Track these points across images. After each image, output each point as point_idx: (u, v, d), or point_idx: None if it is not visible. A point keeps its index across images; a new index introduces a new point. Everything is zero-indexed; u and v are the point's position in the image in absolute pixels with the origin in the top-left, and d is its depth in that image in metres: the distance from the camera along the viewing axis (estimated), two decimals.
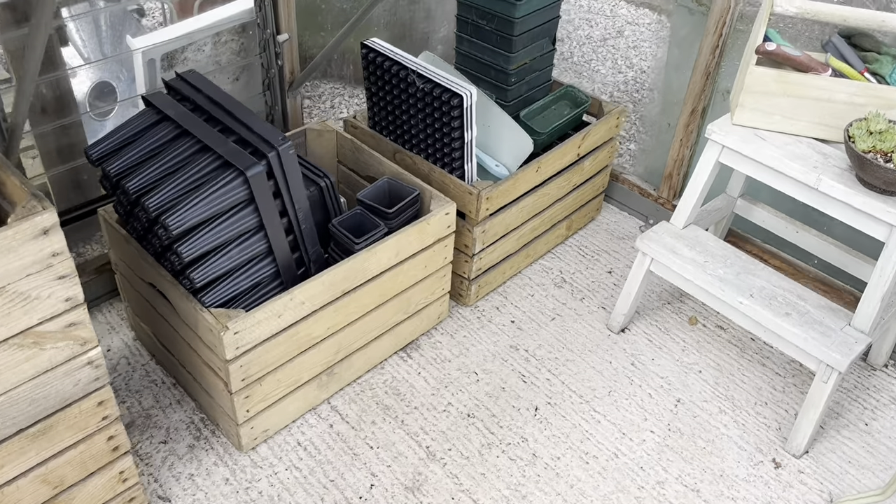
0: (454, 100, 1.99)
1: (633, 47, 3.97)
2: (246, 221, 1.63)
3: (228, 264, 1.66)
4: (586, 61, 3.82)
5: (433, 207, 2.02)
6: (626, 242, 2.66)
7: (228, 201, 1.58)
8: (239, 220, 1.62)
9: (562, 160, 2.34)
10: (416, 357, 2.19)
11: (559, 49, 3.88)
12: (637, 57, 3.88)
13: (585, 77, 3.67)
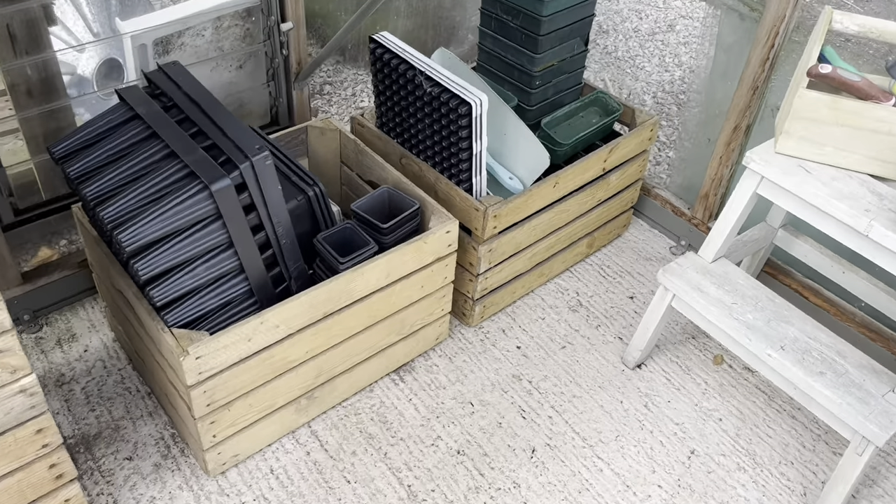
0: (462, 108, 1.80)
1: (684, 43, 3.69)
2: (212, 238, 1.48)
3: (193, 282, 1.51)
4: (631, 56, 3.56)
5: (433, 224, 1.84)
6: (653, 265, 2.44)
7: (191, 217, 1.43)
8: (204, 237, 1.47)
9: (584, 175, 2.13)
10: (408, 381, 2.03)
11: (602, 42, 3.63)
12: (687, 54, 3.61)
13: (629, 74, 3.42)
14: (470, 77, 2.06)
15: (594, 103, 2.32)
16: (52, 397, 1.92)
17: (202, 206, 1.42)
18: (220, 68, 2.21)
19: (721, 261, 1.94)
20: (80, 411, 1.89)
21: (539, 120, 2.24)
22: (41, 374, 1.97)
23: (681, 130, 3.11)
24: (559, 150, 2.13)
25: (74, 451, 1.81)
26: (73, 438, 1.84)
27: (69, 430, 1.85)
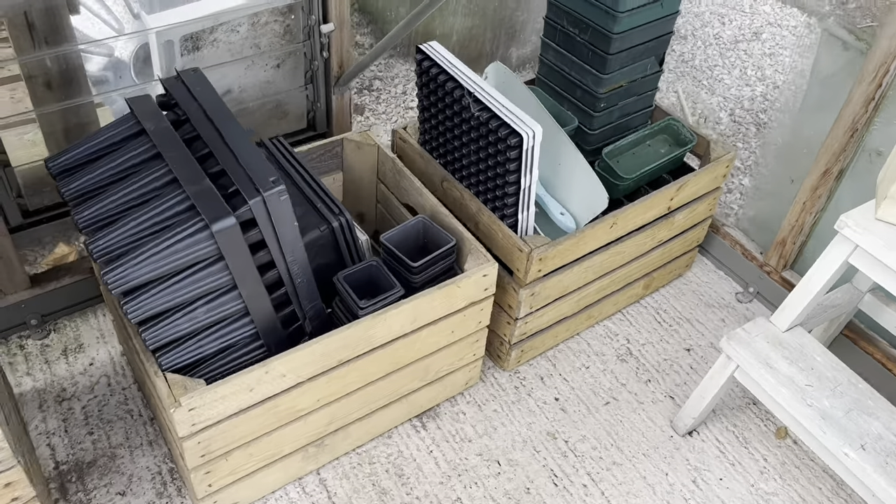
0: (512, 139, 1.58)
1: (770, 54, 3.37)
2: (213, 280, 1.31)
3: (190, 325, 1.35)
4: (710, 66, 3.27)
5: (470, 265, 1.64)
6: (715, 312, 2.19)
7: (189, 258, 1.25)
8: (204, 278, 1.30)
9: (646, 214, 1.89)
10: (431, 429, 1.84)
11: (678, 48, 3.34)
12: (772, 68, 3.29)
13: (704, 87, 3.13)
14: (525, 98, 1.84)
15: (664, 130, 2.07)
16: (51, 415, 1.79)
17: (202, 247, 1.25)
18: (256, 66, 2.03)
19: (796, 329, 1.69)
20: (78, 434, 1.76)
21: (600, 146, 2.01)
22: (42, 386, 1.85)
23: (758, 155, 2.83)
24: (620, 184, 1.89)
25: (66, 480, 1.68)
26: (67, 465, 1.71)
27: (63, 454, 1.73)
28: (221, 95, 2.04)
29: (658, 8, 1.85)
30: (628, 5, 1.78)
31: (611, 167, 1.89)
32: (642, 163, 1.99)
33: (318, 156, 1.90)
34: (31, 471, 1.48)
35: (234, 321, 1.40)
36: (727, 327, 2.15)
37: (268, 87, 2.10)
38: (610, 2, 1.78)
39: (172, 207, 1.27)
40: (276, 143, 1.73)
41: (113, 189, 1.32)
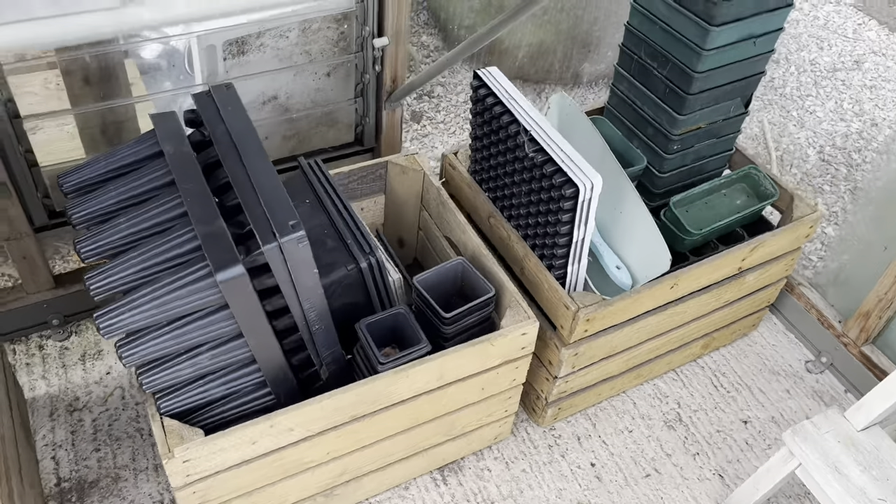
0: (567, 188, 1.41)
1: (871, 87, 3.08)
2: (218, 328, 1.19)
3: (193, 371, 1.24)
4: (801, 96, 3.00)
5: (508, 321, 1.48)
6: (781, 381, 1.98)
7: (191, 305, 1.14)
8: (208, 326, 1.18)
9: (713, 275, 1.70)
10: (452, 484, 1.70)
11: (769, 72, 3.08)
12: (872, 102, 3.01)
13: (794, 118, 2.88)
14: (588, 136, 1.66)
15: (743, 179, 1.86)
16: (60, 425, 1.73)
17: (205, 295, 1.13)
18: (306, 73, 1.91)
19: (873, 429, 1.48)
20: (84, 449, 1.69)
21: (669, 191, 1.82)
22: (56, 392, 1.78)
23: (846, 201, 2.57)
24: (687, 239, 1.70)
25: (65, 499, 1.61)
26: (69, 482, 1.64)
27: (67, 470, 1.65)
28: (267, 101, 1.93)
29: (750, 46, 1.65)
30: (716, 42, 1.58)
31: (678, 219, 1.70)
32: (715, 216, 1.79)
33: (360, 177, 1.77)
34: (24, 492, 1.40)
35: (240, 367, 1.28)
36: (792, 400, 1.94)
37: (317, 95, 1.98)
38: (696, 37, 1.59)
39: (180, 246, 1.16)
40: (313, 165, 1.60)
41: (122, 217, 1.21)
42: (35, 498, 1.52)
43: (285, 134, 2.04)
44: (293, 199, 1.56)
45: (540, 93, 2.77)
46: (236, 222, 1.21)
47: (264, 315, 1.19)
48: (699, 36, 1.58)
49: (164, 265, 1.15)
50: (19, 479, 1.44)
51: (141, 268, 1.14)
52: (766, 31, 1.65)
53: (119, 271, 1.14)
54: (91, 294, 1.14)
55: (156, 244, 1.15)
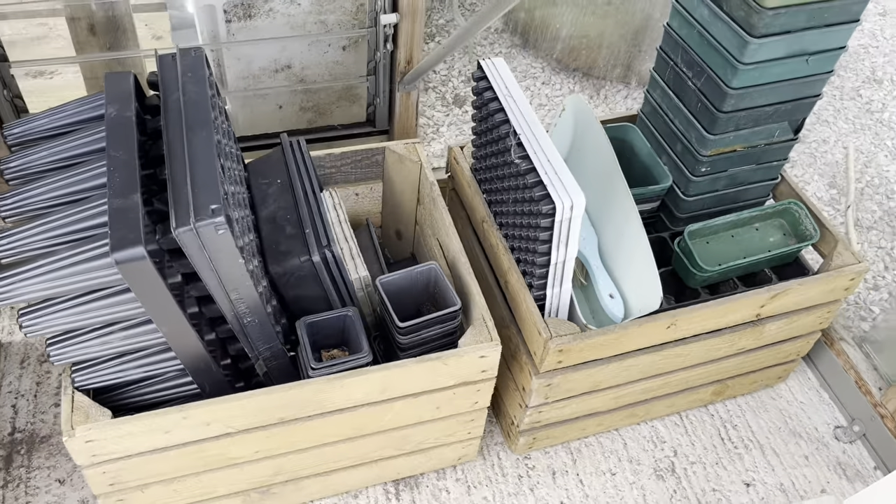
0: (545, 205, 1.26)
1: None
2: (123, 309, 1.11)
3: (103, 349, 1.17)
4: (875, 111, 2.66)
5: (466, 340, 1.34)
6: (801, 445, 1.76)
7: (90, 283, 1.06)
8: (113, 306, 1.10)
9: (723, 318, 1.50)
10: (405, 500, 1.59)
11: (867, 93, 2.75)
12: None
13: (886, 147, 2.56)
14: (598, 148, 1.48)
15: (782, 214, 1.63)
16: (28, 374, 1.72)
17: (104, 274, 1.05)
18: (322, 44, 1.80)
19: None
20: (45, 402, 1.68)
21: (695, 217, 1.62)
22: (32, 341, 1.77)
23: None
24: (698, 274, 1.51)
25: (15, 450, 1.59)
26: (22, 433, 1.62)
27: (23, 421, 1.64)
28: (280, 70, 1.84)
29: (801, 64, 1.42)
30: (757, 56, 1.37)
31: (691, 251, 1.51)
32: (739, 251, 1.58)
33: (353, 161, 1.65)
34: None
35: (156, 353, 1.20)
36: (809, 468, 1.72)
37: (335, 68, 1.87)
38: (734, 48, 1.38)
39: (91, 218, 1.08)
40: (293, 144, 1.50)
41: (48, 178, 1.14)
42: None
43: (302, 105, 1.95)
44: (264, 176, 1.48)
45: (599, 90, 2.57)
46: (161, 201, 1.13)
47: (174, 302, 1.10)
48: (737, 47, 1.37)
49: (72, 237, 1.08)
50: None
51: (48, 236, 1.08)
52: (823, 49, 1.42)
53: (25, 237, 1.08)
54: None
55: (66, 213, 1.08)
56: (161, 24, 2.02)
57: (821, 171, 2.48)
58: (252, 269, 1.22)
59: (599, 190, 1.51)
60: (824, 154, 2.53)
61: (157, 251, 1.09)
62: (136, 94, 1.24)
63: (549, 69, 2.61)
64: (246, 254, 1.20)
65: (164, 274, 1.08)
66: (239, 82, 1.82)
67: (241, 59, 1.78)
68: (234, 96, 1.85)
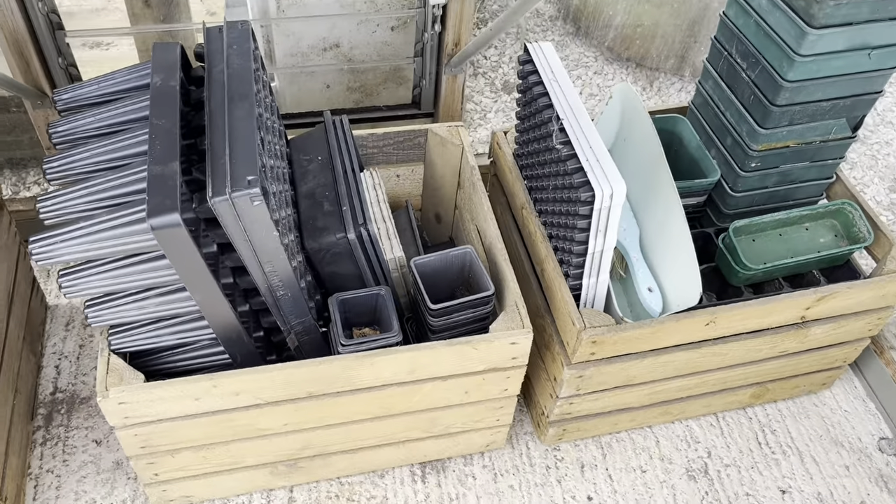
0: (584, 192, 1.23)
1: None
2: (160, 275, 1.13)
3: (139, 314, 1.19)
4: None
5: (497, 326, 1.33)
6: (842, 455, 1.70)
7: (127, 247, 1.08)
8: (149, 272, 1.12)
9: (764, 319, 1.46)
10: (430, 483, 1.59)
11: None
12: None
13: None
14: (644, 138, 1.45)
15: (834, 215, 1.58)
16: (72, 337, 1.77)
17: (140, 239, 1.07)
18: (371, 24, 1.80)
19: None
20: (86, 365, 1.72)
21: (742, 214, 1.58)
22: (77, 304, 1.82)
23: None
24: (742, 272, 1.46)
25: (56, 409, 1.64)
26: (63, 393, 1.67)
27: (65, 381, 1.69)
28: (329, 48, 1.84)
29: (863, 58, 1.37)
30: (815, 48, 1.32)
31: (735, 248, 1.46)
32: (785, 251, 1.53)
33: (396, 142, 1.65)
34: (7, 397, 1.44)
35: (190, 321, 1.22)
36: (850, 479, 1.66)
37: (384, 49, 1.87)
38: (791, 39, 1.33)
39: (132, 184, 1.10)
40: (336, 122, 1.50)
41: (94, 144, 1.17)
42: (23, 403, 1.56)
43: (350, 85, 1.96)
44: (305, 153, 1.49)
45: (652, 81, 2.51)
46: (199, 171, 1.14)
47: (208, 270, 1.11)
48: (795, 38, 1.32)
49: (112, 201, 1.10)
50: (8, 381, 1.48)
51: (89, 200, 1.10)
52: (886, 44, 1.35)
53: (68, 200, 1.10)
54: (40, 217, 1.11)
55: (107, 178, 1.10)
56: (216, 0, 2.04)
57: (881, 174, 2.38)
58: (287, 244, 1.22)
59: (644, 181, 1.48)
60: (886, 157, 2.44)
61: (194, 220, 1.11)
62: (182, 64, 1.26)
63: (602, 59, 2.56)
64: (282, 227, 1.21)
65: (199, 242, 1.10)
66: (287, 59, 1.83)
67: (291, 36, 1.79)
68: (282, 73, 1.86)
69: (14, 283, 1.58)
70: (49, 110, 1.64)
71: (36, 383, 1.67)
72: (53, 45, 1.57)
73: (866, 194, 2.31)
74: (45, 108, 1.64)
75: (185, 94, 1.24)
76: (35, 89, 1.61)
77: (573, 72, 2.53)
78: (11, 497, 1.44)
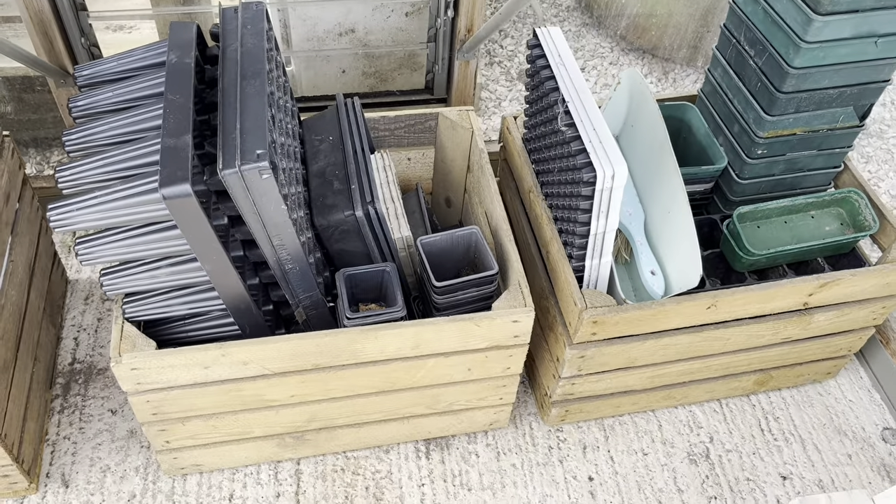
0: (587, 172, 1.25)
1: None
2: (172, 245, 1.17)
3: (152, 283, 1.23)
4: None
5: (500, 304, 1.36)
6: (845, 444, 1.71)
7: (140, 216, 1.12)
8: (161, 241, 1.16)
9: (767, 305, 1.47)
10: (434, 460, 1.62)
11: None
12: None
13: None
14: (651, 123, 1.46)
15: (840, 203, 1.58)
16: (91, 310, 1.82)
17: (152, 209, 1.11)
18: (386, 9, 1.83)
19: None
20: (104, 337, 1.77)
21: (749, 201, 1.59)
22: (97, 279, 1.87)
23: None
24: (745, 258, 1.48)
25: (73, 379, 1.70)
26: (81, 364, 1.72)
27: (83, 353, 1.74)
28: (344, 33, 1.88)
29: (869, 46, 1.37)
30: (821, 35, 1.33)
31: (739, 233, 1.48)
32: (790, 238, 1.54)
33: (407, 125, 1.68)
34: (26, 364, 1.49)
35: (201, 291, 1.26)
36: (851, 467, 1.67)
37: (398, 34, 1.90)
38: (798, 25, 1.34)
39: (146, 156, 1.14)
40: (348, 104, 1.53)
41: (112, 117, 1.21)
42: (42, 371, 1.62)
43: (365, 70, 1.99)
44: (317, 133, 1.52)
45: (667, 72, 2.52)
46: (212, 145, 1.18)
47: (217, 240, 1.15)
48: (801, 24, 1.34)
49: (127, 172, 1.14)
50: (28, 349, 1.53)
51: (105, 171, 1.14)
52: (893, 32, 1.36)
53: (85, 170, 1.15)
54: (58, 186, 1.16)
55: (123, 150, 1.14)
56: None
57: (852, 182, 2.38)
58: (296, 219, 1.26)
59: (650, 166, 1.49)
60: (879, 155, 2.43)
61: (205, 192, 1.15)
62: (198, 43, 1.30)
63: (618, 49, 2.57)
64: (291, 202, 1.24)
65: (210, 213, 1.14)
66: (303, 44, 1.87)
67: (307, 20, 1.82)
68: (298, 57, 1.90)
69: (35, 256, 1.64)
70: (72, 89, 1.69)
71: (55, 353, 1.72)
72: (77, 25, 1.62)
73: (881, 188, 2.31)
74: (68, 86, 1.69)
75: (199, 72, 1.28)
76: (58, 68, 1.66)
77: (589, 62, 2.54)
78: (28, 461, 1.50)
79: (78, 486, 1.54)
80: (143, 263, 1.21)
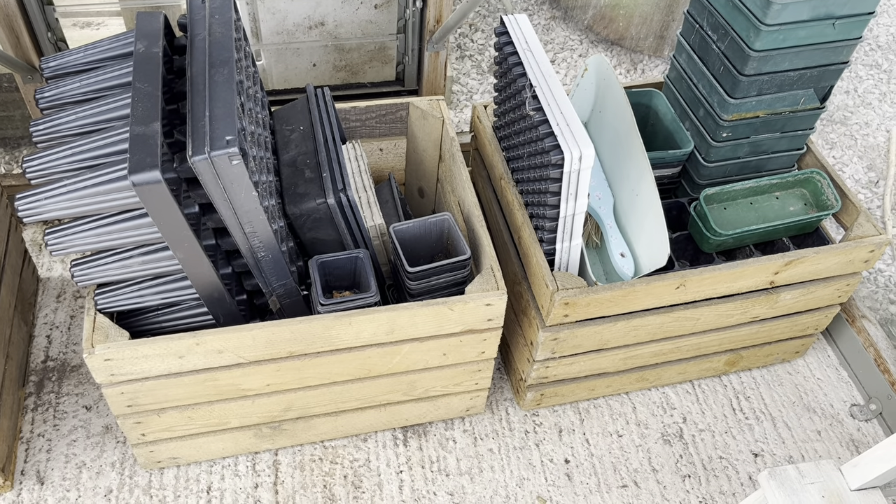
0: (555, 155, 1.27)
1: None
2: (143, 233, 1.17)
3: (123, 273, 1.23)
4: None
5: (473, 288, 1.37)
6: (814, 420, 1.74)
7: (111, 204, 1.12)
8: (133, 230, 1.16)
9: (734, 284, 1.50)
10: (412, 446, 1.63)
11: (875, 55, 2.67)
12: None
13: None
14: (617, 109, 1.49)
15: (803, 184, 1.62)
16: (63, 308, 1.81)
17: (123, 196, 1.11)
18: (354, 1, 1.84)
19: (871, 492, 1.26)
20: (77, 335, 1.76)
21: (715, 184, 1.62)
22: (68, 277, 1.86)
23: None
24: (712, 238, 1.51)
25: (47, 377, 1.68)
26: (54, 362, 1.71)
27: (56, 350, 1.73)
28: (314, 27, 1.88)
29: (827, 28, 1.41)
30: (780, 17, 1.36)
31: (706, 215, 1.51)
32: (755, 218, 1.58)
33: (378, 115, 1.69)
34: None
35: (174, 280, 1.26)
36: (821, 443, 1.70)
37: (368, 27, 1.91)
38: (757, 7, 1.37)
39: (115, 144, 1.14)
40: (318, 94, 1.54)
41: (77, 108, 1.21)
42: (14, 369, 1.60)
43: (336, 64, 2.00)
44: (287, 123, 1.53)
45: (636, 63, 2.55)
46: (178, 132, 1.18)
47: (189, 227, 1.15)
48: (761, 8, 1.37)
49: (96, 161, 1.14)
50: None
51: (73, 160, 1.14)
52: (850, 14, 1.40)
53: (53, 159, 1.14)
54: (26, 176, 1.15)
55: (93, 139, 1.14)
56: None
57: (860, 154, 2.43)
58: (268, 206, 1.26)
59: (618, 150, 1.52)
60: (865, 137, 2.48)
61: (175, 179, 1.15)
62: (166, 33, 1.30)
63: (587, 42, 2.60)
64: (262, 191, 1.25)
65: (181, 201, 1.14)
66: (273, 37, 1.87)
67: (276, 13, 1.83)
68: (268, 50, 1.90)
69: (6, 254, 1.62)
70: (39, 84, 1.68)
71: (28, 351, 1.71)
72: (43, 19, 1.61)
73: (845, 173, 2.36)
74: (36, 82, 1.68)
75: (168, 62, 1.28)
76: (25, 63, 1.65)
77: (559, 55, 2.57)
78: (2, 458, 1.48)
79: (53, 483, 1.53)
80: (115, 253, 1.21)
